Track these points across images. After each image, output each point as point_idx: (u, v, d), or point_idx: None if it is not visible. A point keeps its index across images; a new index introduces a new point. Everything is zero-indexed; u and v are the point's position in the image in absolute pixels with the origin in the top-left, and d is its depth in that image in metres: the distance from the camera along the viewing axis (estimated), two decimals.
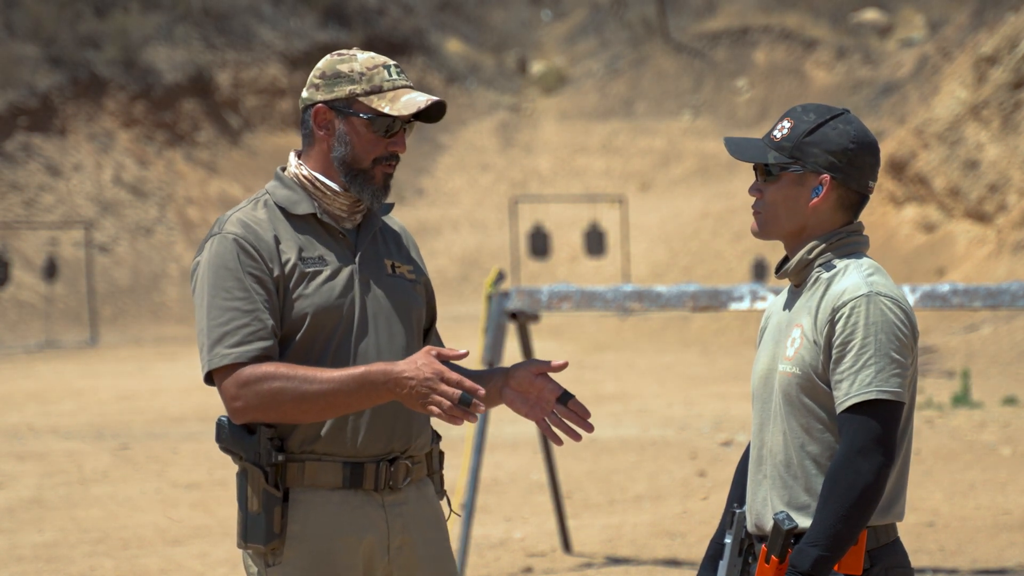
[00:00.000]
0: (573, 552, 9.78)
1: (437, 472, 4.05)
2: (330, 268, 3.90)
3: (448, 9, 49.72)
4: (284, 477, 3.85)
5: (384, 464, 3.89)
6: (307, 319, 3.85)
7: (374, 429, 3.88)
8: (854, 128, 3.68)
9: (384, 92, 3.90)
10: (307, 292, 3.86)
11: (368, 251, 3.97)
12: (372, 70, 3.92)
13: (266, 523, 3.82)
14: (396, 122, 3.90)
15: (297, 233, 3.91)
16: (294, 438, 3.85)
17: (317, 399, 3.77)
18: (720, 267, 36.40)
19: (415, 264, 4.07)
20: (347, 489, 3.87)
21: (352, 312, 3.89)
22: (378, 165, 3.91)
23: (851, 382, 3.55)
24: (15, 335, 32.15)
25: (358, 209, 3.97)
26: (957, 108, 32.16)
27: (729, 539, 3.76)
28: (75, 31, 41.17)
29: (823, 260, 3.69)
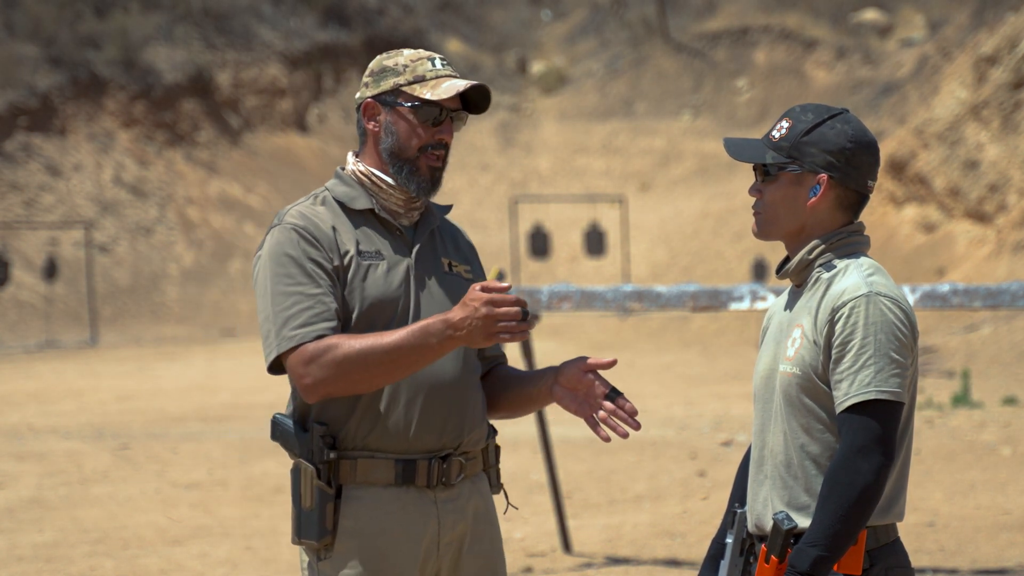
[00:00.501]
0: (573, 552, 9.78)
1: (493, 467, 4.07)
2: (387, 262, 3.92)
3: (448, 9, 49.73)
4: (337, 474, 3.88)
5: (436, 461, 3.91)
6: (360, 311, 3.88)
7: (426, 426, 3.90)
8: (852, 127, 3.68)
9: (427, 81, 3.94)
10: (363, 284, 3.89)
11: (425, 248, 3.99)
12: (416, 62, 3.96)
13: (318, 519, 3.86)
14: (442, 111, 3.93)
15: (355, 227, 3.94)
16: (346, 435, 3.88)
17: (382, 359, 3.77)
18: (720, 267, 36.41)
19: (472, 264, 4.09)
20: (399, 486, 3.89)
21: (407, 306, 3.91)
22: (423, 155, 3.93)
23: (850, 382, 3.55)
24: (15, 335, 32.15)
25: (414, 205, 3.99)
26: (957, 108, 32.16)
27: (730, 539, 3.76)
28: (75, 31, 41.18)
29: (823, 260, 3.69)
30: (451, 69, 3.98)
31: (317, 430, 3.85)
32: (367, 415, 3.88)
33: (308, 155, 42.96)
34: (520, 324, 3.70)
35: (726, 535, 3.80)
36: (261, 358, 26.25)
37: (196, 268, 37.60)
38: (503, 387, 4.07)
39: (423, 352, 3.77)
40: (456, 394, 3.92)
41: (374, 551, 3.88)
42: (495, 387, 4.08)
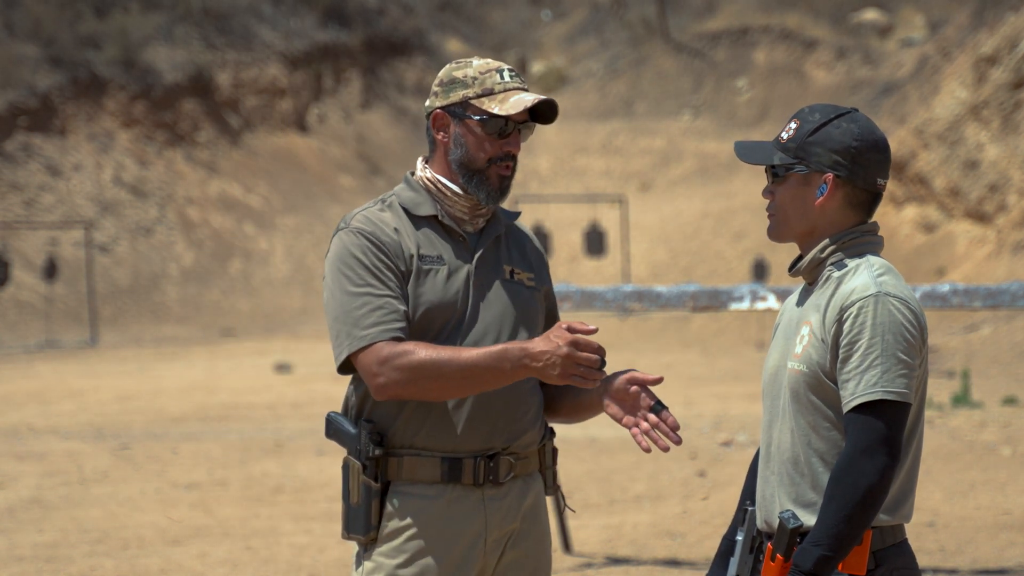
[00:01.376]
0: (573, 552, 9.78)
1: (549, 468, 4.13)
2: (448, 267, 4.00)
3: (448, 9, 49.73)
4: (385, 471, 3.96)
5: (483, 459, 3.97)
6: (418, 314, 3.96)
7: (473, 426, 3.97)
8: (859, 126, 3.68)
9: (495, 94, 4.02)
10: (423, 289, 3.97)
11: (487, 255, 4.06)
12: (485, 74, 4.05)
13: (364, 514, 3.95)
14: (508, 123, 4.01)
15: (418, 232, 4.02)
16: (394, 433, 3.96)
17: (454, 374, 3.85)
18: (720, 267, 36.41)
19: (537, 272, 4.15)
20: (445, 483, 3.96)
21: (463, 312, 3.99)
22: (493, 165, 4.01)
23: (857, 382, 3.55)
24: (15, 335, 32.15)
25: (479, 212, 4.06)
26: (957, 108, 32.16)
27: (741, 536, 3.77)
28: (75, 31, 41.17)
29: (835, 259, 3.69)
30: (519, 81, 4.07)
31: (365, 427, 3.95)
32: (415, 415, 3.96)
33: (308, 155, 42.96)
34: (597, 372, 3.80)
35: (736, 532, 3.80)
36: (261, 358, 26.24)
37: (196, 268, 37.60)
38: (563, 394, 4.15)
39: (496, 375, 3.86)
40: (507, 397, 3.99)
41: (419, 547, 3.96)
42: (554, 392, 4.16)
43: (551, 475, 4.14)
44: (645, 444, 3.93)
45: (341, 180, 42.32)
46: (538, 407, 4.07)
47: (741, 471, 12.76)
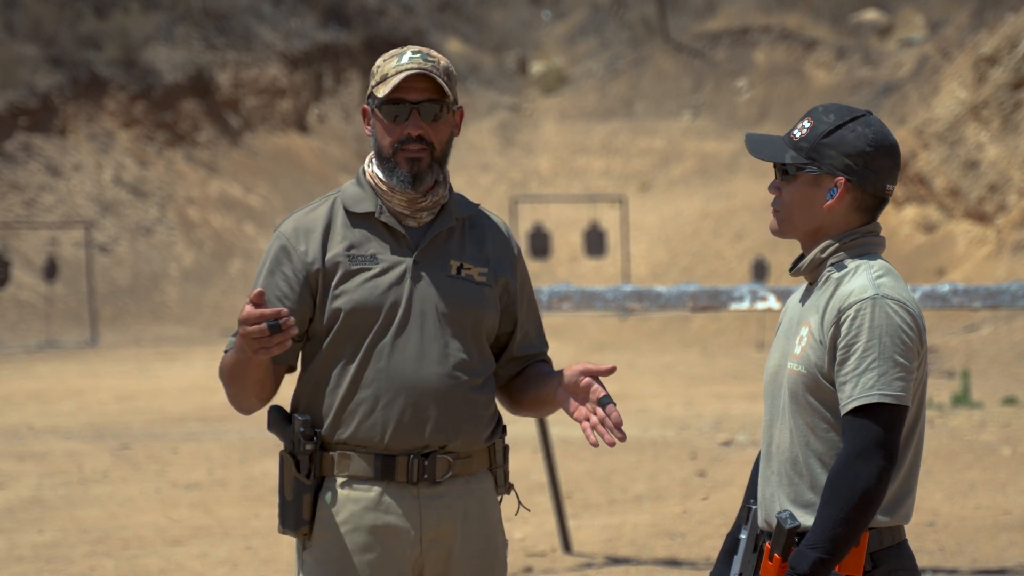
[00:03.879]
0: (573, 552, 9.78)
1: (500, 467, 4.10)
2: (380, 266, 3.98)
3: (448, 9, 49.72)
4: (320, 466, 3.96)
5: (417, 458, 3.95)
6: (342, 315, 3.95)
7: (405, 425, 3.95)
8: (872, 131, 3.66)
9: (389, 79, 3.96)
10: (348, 288, 3.96)
11: (431, 250, 4.01)
12: (387, 60, 3.99)
13: (296, 510, 3.95)
14: (401, 105, 3.95)
15: (354, 230, 4.01)
16: (327, 429, 3.96)
17: (227, 370, 3.97)
18: (720, 267, 36.41)
19: (495, 266, 4.08)
20: (379, 480, 3.95)
21: (394, 311, 3.96)
22: (399, 150, 3.97)
23: (854, 385, 3.54)
24: (15, 335, 32.15)
25: (421, 206, 4.01)
26: (957, 108, 32.16)
27: (744, 534, 3.77)
28: (75, 31, 41.17)
29: (835, 260, 3.68)
30: (421, 60, 3.95)
31: (298, 422, 3.95)
32: (345, 413, 3.96)
33: (308, 155, 42.96)
34: (272, 338, 3.74)
35: (740, 530, 3.80)
36: None
37: (196, 268, 37.60)
38: (526, 387, 4.12)
39: (244, 364, 3.90)
40: (440, 396, 3.95)
41: (351, 543, 3.94)
42: (521, 386, 4.13)
43: (502, 474, 4.09)
44: (593, 438, 3.90)
45: (341, 180, 42.31)
46: (484, 405, 4.02)
47: (741, 471, 12.76)
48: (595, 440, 3.90)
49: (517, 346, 4.13)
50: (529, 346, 4.15)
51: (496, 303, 4.07)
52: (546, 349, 4.20)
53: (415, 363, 3.95)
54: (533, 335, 4.17)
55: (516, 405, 4.15)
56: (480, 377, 4.02)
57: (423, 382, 3.95)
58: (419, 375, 3.95)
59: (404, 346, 3.95)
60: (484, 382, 4.04)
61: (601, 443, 3.91)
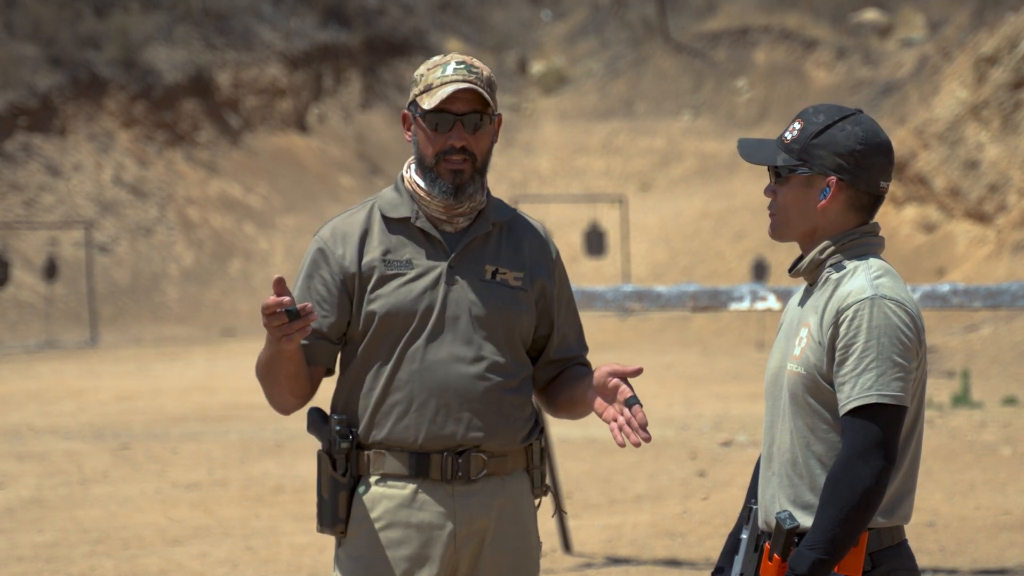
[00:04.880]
0: (573, 552, 9.78)
1: (537, 467, 4.14)
2: (415, 271, 4.03)
3: (448, 9, 49.72)
4: (356, 465, 4.03)
5: (451, 456, 4.00)
6: (376, 319, 4.01)
7: (439, 424, 4.00)
8: (863, 129, 3.66)
9: (433, 89, 4.01)
10: (383, 293, 4.02)
11: (466, 255, 4.05)
12: (431, 70, 4.04)
13: (332, 508, 4.03)
14: (445, 116, 3.98)
15: (390, 236, 4.06)
16: (363, 431, 4.03)
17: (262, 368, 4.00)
18: (720, 267, 36.42)
19: (532, 270, 4.11)
20: (414, 478, 4.00)
21: (428, 315, 4.01)
22: (442, 160, 4.00)
23: (853, 385, 3.54)
24: (15, 335, 32.15)
25: (458, 212, 4.05)
26: (957, 108, 32.16)
27: (746, 534, 3.77)
28: (75, 31, 41.17)
29: (834, 260, 3.68)
30: (465, 72, 4.00)
31: (334, 422, 4.02)
32: (379, 415, 4.02)
33: (308, 155, 42.96)
34: (292, 324, 3.81)
35: (742, 530, 3.81)
36: None
37: (196, 268, 37.60)
38: (561, 389, 4.15)
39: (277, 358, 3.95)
40: (474, 398, 4.00)
41: (385, 539, 4.00)
42: (558, 388, 4.16)
43: (539, 475, 4.14)
44: (620, 439, 3.93)
45: (341, 180, 42.32)
46: (520, 407, 4.06)
47: (741, 471, 12.76)
48: (622, 441, 3.92)
49: (555, 349, 4.16)
50: (567, 349, 4.18)
51: (532, 307, 4.10)
52: (585, 352, 4.23)
53: (448, 366, 4.00)
54: (572, 338, 4.20)
55: (553, 407, 4.19)
56: (515, 379, 4.06)
57: (456, 384, 4.00)
58: (452, 377, 4.00)
59: (438, 349, 4.00)
60: (520, 384, 4.07)
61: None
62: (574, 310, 4.22)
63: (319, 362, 4.05)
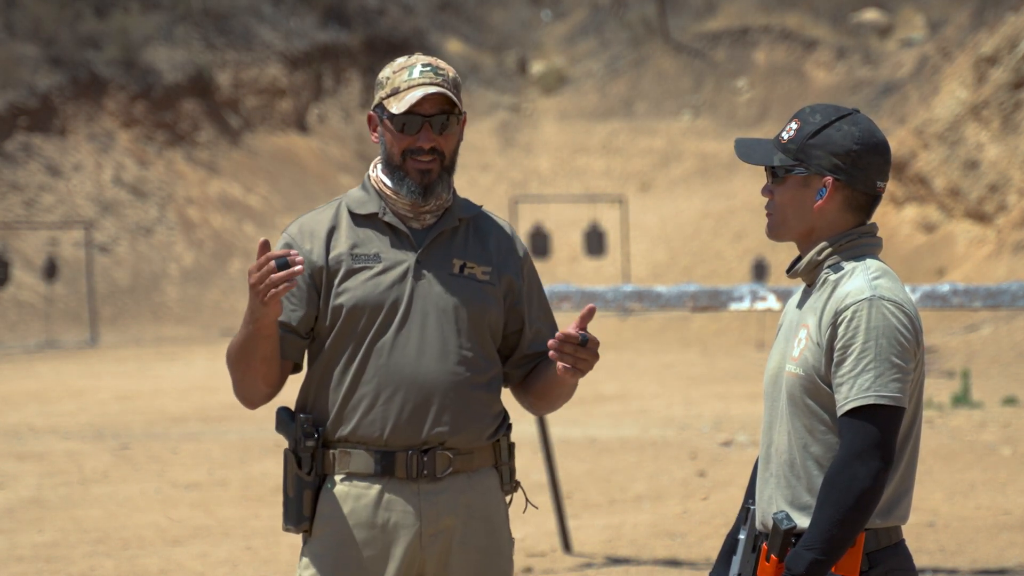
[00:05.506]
0: (573, 552, 9.78)
1: (505, 464, 4.15)
2: (382, 264, 4.06)
3: (448, 9, 49.72)
4: (321, 463, 4.04)
5: (416, 454, 4.01)
6: (344, 312, 4.02)
7: (404, 421, 4.01)
8: (859, 129, 3.66)
9: (400, 93, 4.03)
10: (350, 286, 4.04)
11: (433, 250, 4.08)
12: (397, 73, 4.06)
13: (297, 506, 4.03)
14: (412, 118, 4.01)
15: (358, 231, 4.09)
16: (330, 426, 4.03)
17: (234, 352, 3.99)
18: (720, 267, 36.42)
19: (499, 265, 4.13)
20: (379, 476, 4.01)
21: (395, 308, 4.03)
22: (409, 160, 4.04)
23: (851, 386, 3.54)
24: (15, 335, 32.15)
25: (424, 209, 4.08)
26: (957, 108, 32.16)
27: (743, 535, 3.77)
28: (75, 31, 41.17)
29: (831, 261, 3.68)
30: (432, 75, 4.03)
31: (300, 420, 4.03)
32: (346, 410, 4.03)
33: (308, 155, 42.96)
34: (280, 275, 3.82)
35: (739, 530, 3.81)
36: None
37: (196, 268, 37.60)
38: (536, 379, 4.16)
39: (252, 339, 3.95)
40: (440, 392, 4.01)
41: (350, 538, 4.00)
42: (533, 379, 4.17)
43: (508, 471, 4.14)
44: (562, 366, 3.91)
45: (341, 180, 42.33)
46: (487, 403, 4.08)
47: (741, 471, 12.76)
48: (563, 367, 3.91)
49: (528, 344, 4.17)
50: (540, 343, 4.18)
51: (500, 301, 4.12)
52: None
53: (415, 359, 4.01)
54: (546, 333, 4.20)
55: (531, 397, 4.18)
56: (483, 374, 4.07)
57: (423, 378, 4.01)
58: (419, 371, 4.01)
59: (405, 343, 4.02)
60: (488, 380, 4.09)
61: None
62: (546, 307, 4.22)
63: (287, 356, 4.06)
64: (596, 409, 17.49)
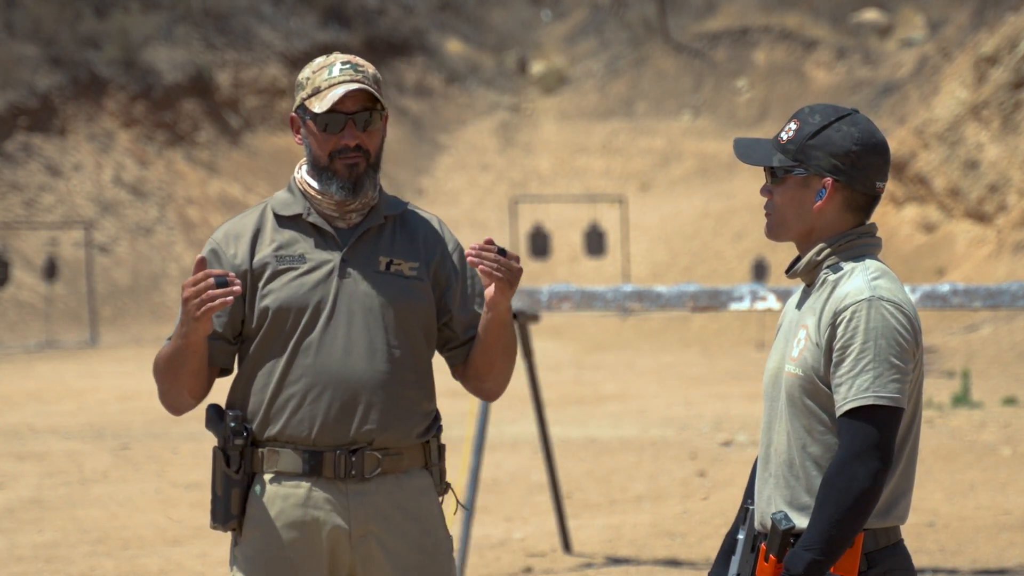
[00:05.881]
0: (573, 552, 9.78)
1: (436, 465, 4.13)
2: (307, 265, 4.06)
3: (448, 9, 49.73)
4: (250, 462, 4.04)
5: (344, 454, 4.01)
6: (270, 314, 4.03)
7: (332, 420, 4.01)
8: (859, 129, 3.65)
9: (321, 92, 4.03)
10: (275, 287, 4.05)
11: (359, 249, 4.08)
12: (317, 72, 4.07)
13: (224, 505, 4.03)
14: (335, 117, 4.02)
15: (283, 232, 4.09)
16: (258, 427, 4.04)
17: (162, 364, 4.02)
18: (720, 267, 36.41)
19: (424, 261, 4.12)
20: (307, 476, 4.01)
21: (321, 307, 4.03)
22: (337, 159, 4.04)
23: (849, 387, 3.54)
24: (15, 335, 32.15)
25: (350, 208, 4.09)
26: (957, 108, 32.16)
27: (742, 535, 3.77)
28: (75, 31, 41.18)
29: (831, 262, 3.67)
30: (352, 72, 4.04)
31: (229, 418, 4.03)
32: (274, 410, 4.03)
33: None
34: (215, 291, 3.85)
35: (738, 530, 3.80)
36: None
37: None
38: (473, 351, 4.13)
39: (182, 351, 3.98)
40: (368, 390, 4.02)
41: (279, 538, 4.01)
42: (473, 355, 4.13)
43: (438, 472, 4.13)
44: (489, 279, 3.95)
45: None
46: (416, 401, 4.07)
47: (741, 471, 12.76)
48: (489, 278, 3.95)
49: (464, 330, 4.15)
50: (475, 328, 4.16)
51: (429, 296, 4.12)
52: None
53: (342, 358, 4.02)
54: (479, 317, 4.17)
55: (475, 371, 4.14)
56: (411, 372, 4.07)
57: (350, 377, 4.01)
58: (346, 370, 4.01)
59: (331, 342, 4.02)
60: (417, 378, 4.08)
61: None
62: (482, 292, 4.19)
63: (215, 362, 4.08)
64: (596, 409, 17.49)
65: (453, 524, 9.98)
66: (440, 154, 44.45)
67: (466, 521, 8.89)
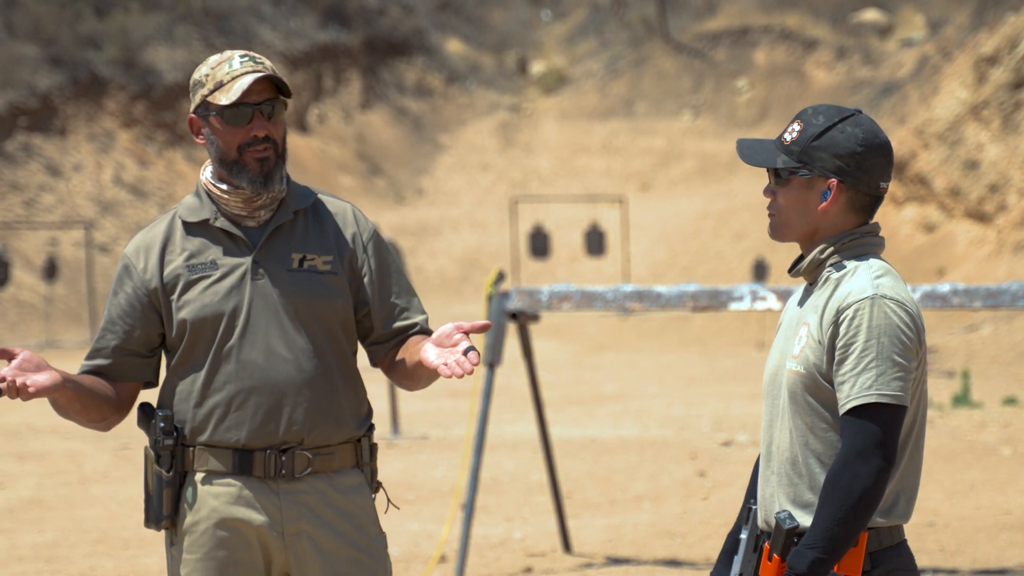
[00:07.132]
0: (573, 552, 9.78)
1: (367, 464, 4.11)
2: (220, 271, 4.03)
3: (448, 9, 49.73)
4: (181, 461, 4.03)
5: (275, 453, 4.00)
6: (188, 325, 4.01)
7: (259, 423, 4.00)
8: (862, 130, 3.65)
9: (224, 85, 3.99)
10: (190, 298, 4.02)
11: (271, 247, 4.05)
12: (216, 67, 4.03)
13: (157, 504, 4.03)
14: (243, 108, 3.99)
15: (192, 240, 4.06)
16: (188, 425, 4.03)
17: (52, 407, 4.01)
18: (720, 267, 36.41)
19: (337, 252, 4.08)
20: (238, 475, 4.00)
21: (238, 313, 4.01)
22: (246, 152, 4.01)
23: (852, 385, 3.54)
24: (15, 335, 32.15)
25: (258, 204, 4.05)
26: (957, 108, 32.16)
27: (745, 534, 3.77)
28: (75, 31, 41.18)
29: (834, 260, 3.67)
30: (252, 64, 4.01)
31: (159, 418, 4.02)
32: (199, 420, 4.02)
33: (308, 155, 42.96)
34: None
35: (741, 530, 3.80)
36: None
37: None
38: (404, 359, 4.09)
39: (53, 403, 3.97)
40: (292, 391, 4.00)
41: (212, 537, 4.01)
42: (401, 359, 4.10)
43: (369, 472, 4.12)
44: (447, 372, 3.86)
45: (341, 180, 42.32)
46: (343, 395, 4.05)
47: (741, 471, 12.76)
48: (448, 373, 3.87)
49: (383, 323, 4.12)
50: (402, 319, 4.13)
51: (344, 289, 4.08)
52: (422, 319, 4.16)
53: (263, 362, 4.00)
54: (402, 308, 4.13)
55: (402, 378, 4.13)
56: (335, 369, 4.05)
57: (273, 380, 3.99)
58: (268, 373, 3.99)
59: (251, 347, 4.00)
60: (341, 373, 4.06)
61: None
62: (404, 283, 4.16)
63: (128, 378, 4.07)
64: (596, 409, 17.49)
65: (453, 524, 9.98)
66: (440, 154, 44.44)
67: (466, 521, 8.89)
